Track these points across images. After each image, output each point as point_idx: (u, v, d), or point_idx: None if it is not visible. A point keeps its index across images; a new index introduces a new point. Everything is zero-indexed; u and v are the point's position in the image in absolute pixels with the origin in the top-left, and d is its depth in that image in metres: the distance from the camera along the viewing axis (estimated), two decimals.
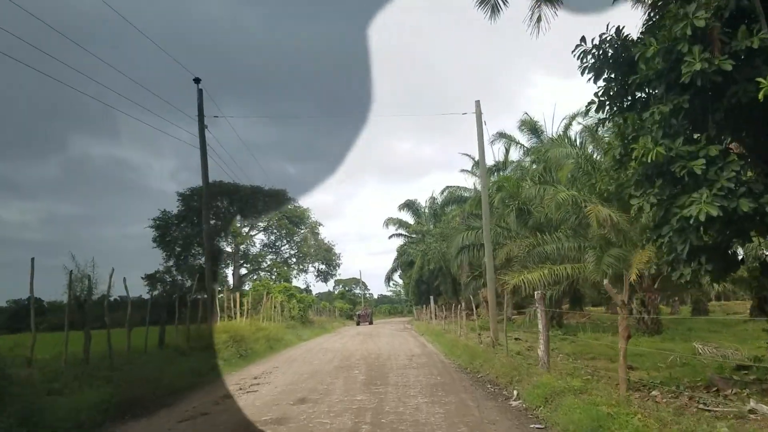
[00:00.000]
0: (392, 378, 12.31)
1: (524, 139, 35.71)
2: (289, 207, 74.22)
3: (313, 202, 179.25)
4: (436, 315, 41.55)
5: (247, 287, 54.59)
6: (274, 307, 34.40)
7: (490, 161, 42.01)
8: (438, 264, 52.54)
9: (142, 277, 72.16)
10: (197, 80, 18.76)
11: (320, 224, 75.47)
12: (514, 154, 38.12)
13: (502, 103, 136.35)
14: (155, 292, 68.75)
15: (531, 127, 35.02)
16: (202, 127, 18.71)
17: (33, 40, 12.12)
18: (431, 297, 42.63)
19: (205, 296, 39.68)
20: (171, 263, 70.87)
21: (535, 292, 10.78)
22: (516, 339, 19.89)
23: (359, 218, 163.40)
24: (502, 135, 37.65)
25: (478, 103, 19.95)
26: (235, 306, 27.57)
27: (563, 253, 22.01)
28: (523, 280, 21.07)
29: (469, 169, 45.65)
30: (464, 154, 46.06)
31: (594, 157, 21.90)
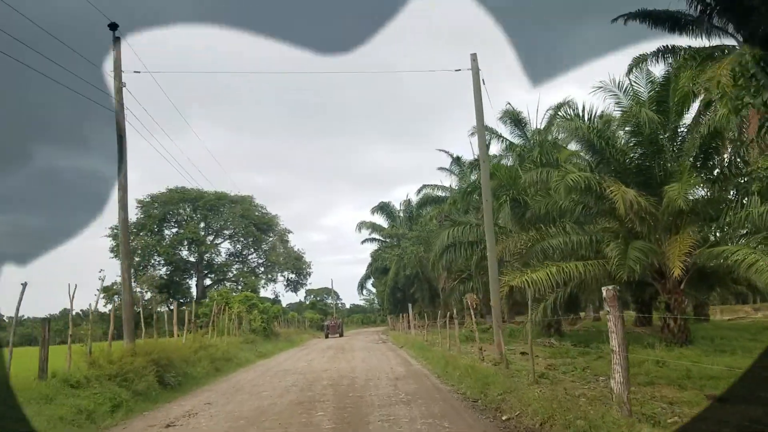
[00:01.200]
0: (374, 424, 7.95)
1: (507, 131, 31.92)
2: (257, 214, 69.49)
3: (284, 213, 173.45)
4: (415, 324, 37.31)
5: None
6: (231, 319, 29.62)
7: (469, 157, 38.43)
8: (414, 269, 48.37)
9: (98, 290, 66.64)
10: (113, 26, 14.21)
11: (290, 231, 70.81)
12: (495, 148, 34.18)
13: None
14: (113, 305, 63.41)
15: (514, 118, 31.19)
16: (119, 84, 14.13)
17: None
18: (409, 305, 38.33)
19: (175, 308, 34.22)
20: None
21: (604, 290, 6.63)
22: (522, 353, 15.79)
23: (330, 229, 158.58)
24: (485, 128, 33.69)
25: (474, 56, 15.93)
26: (190, 321, 22.88)
27: (572, 249, 18.03)
28: (526, 280, 16.94)
29: (447, 166, 41.77)
30: (442, 150, 42.26)
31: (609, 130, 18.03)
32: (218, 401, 11.45)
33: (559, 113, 17.90)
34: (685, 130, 17.52)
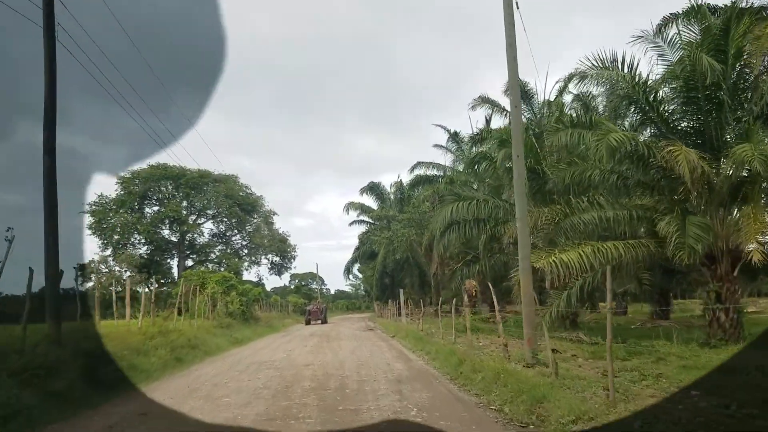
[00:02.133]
0: None
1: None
2: (241, 194, 65.95)
3: (270, 197, 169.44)
4: (407, 312, 34.22)
5: None
6: (204, 301, 26.27)
7: (467, 132, 34.96)
8: (405, 254, 45.20)
9: (74, 267, 62.85)
10: None
11: (275, 213, 67.28)
12: (498, 123, 30.90)
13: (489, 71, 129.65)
14: (89, 285, 59.62)
15: (520, 89, 28.01)
16: (50, 23, 10.56)
17: None
18: (400, 291, 35.18)
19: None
20: (108, 252, 62.24)
21: None
22: (554, 351, 12.69)
23: (316, 215, 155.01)
24: (484, 100, 30.36)
25: None
26: (151, 301, 19.52)
27: (607, 226, 14.91)
28: (553, 261, 13.80)
29: (444, 144, 38.50)
30: (438, 125, 38.96)
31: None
32: (155, 411, 8.14)
33: (589, 64, 14.70)
34: (749, 83, 14.38)
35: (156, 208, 62.15)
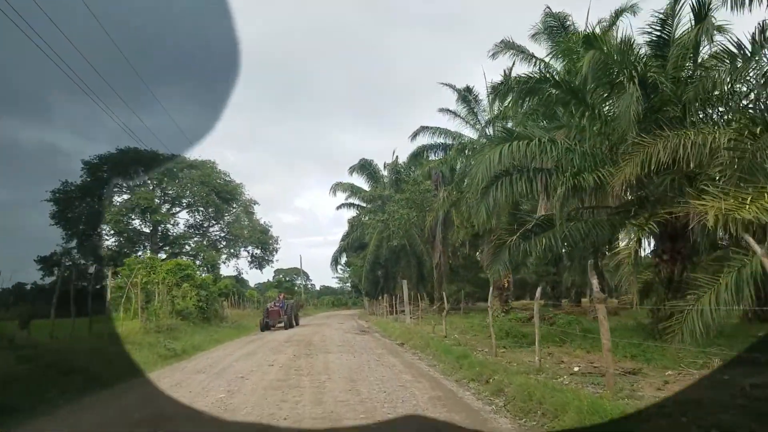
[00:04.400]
0: None
1: (542, 50, 21.38)
2: (219, 181, 58.06)
3: (255, 192, 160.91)
4: (412, 309, 26.67)
5: None
6: (136, 294, 18.38)
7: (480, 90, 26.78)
8: (401, 241, 37.56)
9: (35, 260, 54.52)
10: None
11: (255, 202, 59.85)
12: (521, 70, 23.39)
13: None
14: (52, 279, 51.25)
15: (559, 22, 20.68)
16: None
17: None
18: (403, 282, 27.36)
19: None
20: (72, 244, 54.26)
21: None
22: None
23: (301, 211, 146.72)
24: (508, 45, 22.83)
25: None
26: None
27: None
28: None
29: (451, 108, 30.73)
30: (445, 84, 31.17)
31: None
32: None
33: None
34: None
35: (126, 197, 54.57)
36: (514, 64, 22.78)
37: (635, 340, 12.22)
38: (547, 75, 14.41)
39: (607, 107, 14.03)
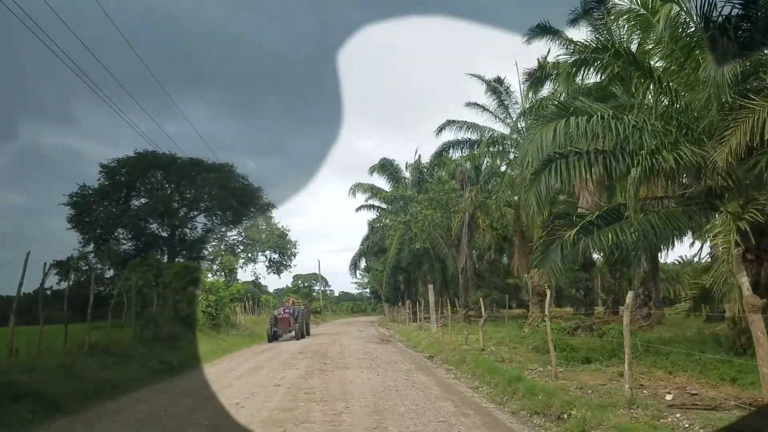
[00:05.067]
0: None
1: (580, 34, 18.91)
2: (236, 185, 56.36)
3: (273, 198, 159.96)
4: (439, 317, 24.34)
5: None
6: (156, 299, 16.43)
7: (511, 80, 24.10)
8: (425, 244, 35.20)
9: (52, 265, 53.43)
10: None
11: (273, 206, 57.76)
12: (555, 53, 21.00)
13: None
14: (69, 283, 49.99)
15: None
16: None
17: None
18: (430, 286, 24.91)
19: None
20: (90, 248, 52.76)
21: None
22: None
23: (320, 216, 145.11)
24: (544, 29, 20.40)
25: None
26: None
27: None
28: None
29: (478, 101, 28.30)
30: (473, 74, 28.75)
31: None
32: None
33: None
34: None
35: (144, 200, 53.34)
36: (549, 51, 20.49)
37: (716, 355, 9.78)
38: (607, 43, 12.03)
39: (676, 80, 11.63)
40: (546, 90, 22.05)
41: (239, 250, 59.12)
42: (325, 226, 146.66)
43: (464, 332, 18.66)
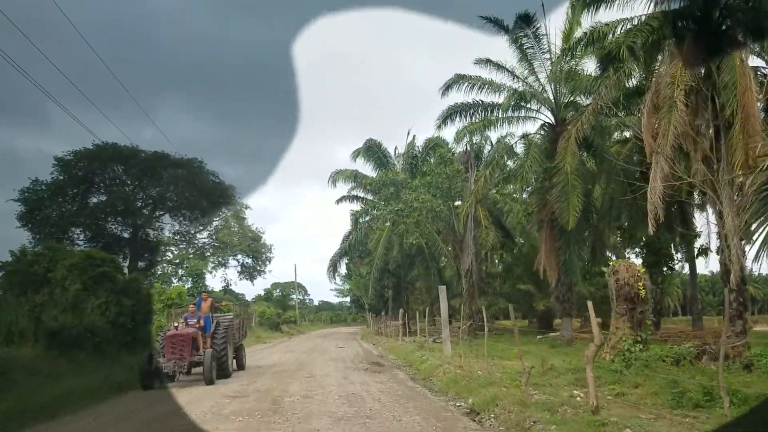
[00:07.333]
0: None
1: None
2: (206, 182, 48.87)
3: (251, 205, 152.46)
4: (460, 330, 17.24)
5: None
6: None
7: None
8: (418, 240, 28.09)
9: None
10: None
11: (247, 207, 51.05)
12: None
13: None
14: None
15: None
16: None
17: None
18: (441, 288, 17.44)
19: None
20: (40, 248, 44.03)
21: None
22: None
23: (299, 225, 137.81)
24: None
25: None
26: None
27: None
28: None
29: (492, 58, 21.28)
30: (484, 17, 21.61)
31: None
32: None
33: None
34: None
35: (103, 197, 45.55)
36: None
37: None
38: None
39: None
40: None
41: (208, 254, 52.38)
42: (304, 235, 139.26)
43: (490, 355, 11.55)
